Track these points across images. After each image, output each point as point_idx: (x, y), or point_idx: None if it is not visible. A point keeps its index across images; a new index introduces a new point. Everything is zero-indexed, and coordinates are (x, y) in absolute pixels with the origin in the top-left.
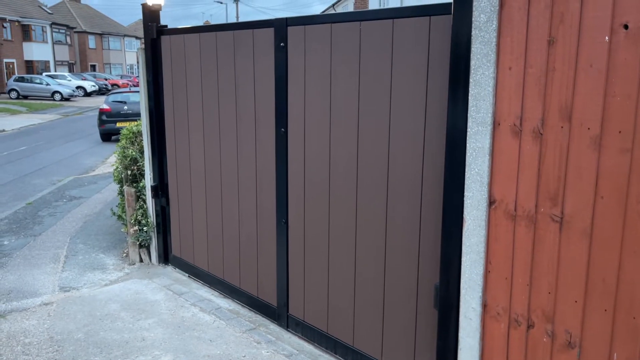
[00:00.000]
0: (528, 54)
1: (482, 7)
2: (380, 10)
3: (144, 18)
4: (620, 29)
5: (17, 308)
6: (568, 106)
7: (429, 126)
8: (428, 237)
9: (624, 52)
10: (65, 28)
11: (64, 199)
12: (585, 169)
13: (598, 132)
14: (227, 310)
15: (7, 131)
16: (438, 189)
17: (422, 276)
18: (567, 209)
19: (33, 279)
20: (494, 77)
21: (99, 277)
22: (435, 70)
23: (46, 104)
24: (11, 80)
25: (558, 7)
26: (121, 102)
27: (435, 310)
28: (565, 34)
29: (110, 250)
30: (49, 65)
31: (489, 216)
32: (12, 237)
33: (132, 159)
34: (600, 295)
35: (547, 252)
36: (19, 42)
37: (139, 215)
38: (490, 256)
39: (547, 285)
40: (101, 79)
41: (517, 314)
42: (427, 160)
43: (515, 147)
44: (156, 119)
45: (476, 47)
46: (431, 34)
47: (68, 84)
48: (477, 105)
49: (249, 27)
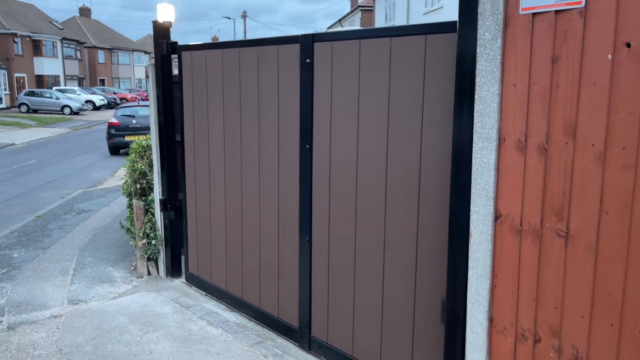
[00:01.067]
0: (532, 71)
1: (487, 26)
2: (412, 26)
3: (154, 34)
4: (622, 47)
5: (27, 320)
6: (572, 122)
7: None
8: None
9: (626, 70)
10: (76, 43)
11: (72, 212)
12: (590, 184)
13: (602, 148)
14: (234, 324)
15: (17, 145)
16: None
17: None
18: (572, 224)
19: (42, 291)
20: (499, 94)
21: (107, 290)
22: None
23: (56, 117)
24: (21, 95)
25: (561, 25)
26: (130, 116)
27: (442, 325)
28: (569, 52)
29: (119, 263)
30: (59, 80)
31: (495, 231)
32: (21, 249)
33: (141, 173)
34: (606, 310)
35: (553, 266)
36: (29, 57)
37: (147, 228)
38: (497, 270)
39: (553, 299)
40: (110, 93)
41: (524, 329)
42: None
43: (521, 163)
44: (166, 133)
45: (481, 65)
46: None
47: (77, 98)
48: (482, 121)
49: (274, 43)
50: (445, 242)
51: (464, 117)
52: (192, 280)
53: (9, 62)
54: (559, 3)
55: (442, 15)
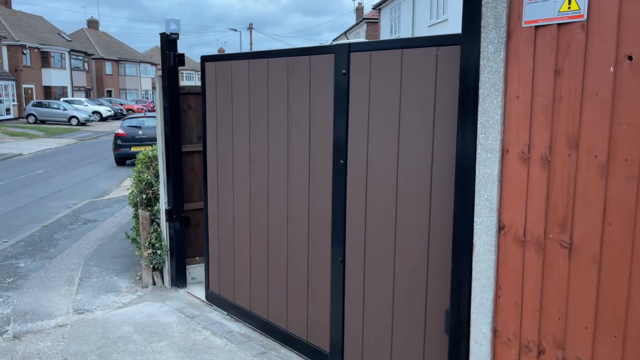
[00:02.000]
0: (535, 83)
1: (490, 38)
2: (458, 35)
3: (161, 46)
4: (624, 59)
5: (32, 329)
6: (575, 134)
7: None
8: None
9: (628, 82)
10: (83, 55)
11: (79, 222)
12: (593, 195)
13: (605, 159)
14: (238, 334)
15: (25, 155)
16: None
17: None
18: (575, 235)
19: (48, 301)
20: (502, 106)
21: (113, 300)
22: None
23: (63, 128)
24: (29, 106)
25: (564, 38)
26: (136, 127)
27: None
28: (571, 64)
29: (124, 273)
30: (66, 91)
31: (499, 242)
32: (28, 259)
33: (147, 183)
34: (610, 322)
35: (557, 278)
36: (38, 68)
37: (153, 238)
38: (500, 281)
39: (557, 311)
40: (117, 104)
41: (528, 340)
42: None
43: (524, 174)
44: (172, 144)
45: (484, 77)
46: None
47: (84, 109)
48: (485, 132)
49: (305, 53)
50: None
51: (468, 129)
52: (212, 299)
53: (18, 73)
54: (562, 16)
55: (447, 28)
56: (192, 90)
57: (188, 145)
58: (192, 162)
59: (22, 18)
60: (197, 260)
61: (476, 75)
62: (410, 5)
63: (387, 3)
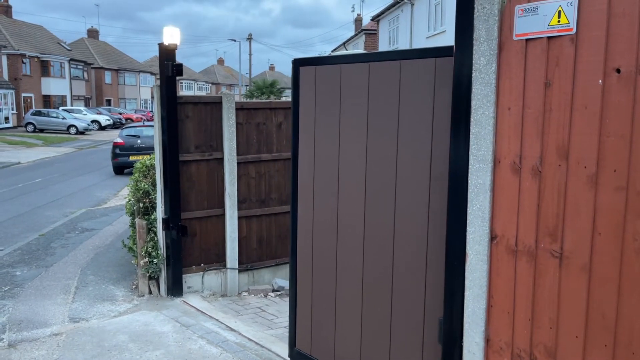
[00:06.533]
0: (526, 95)
1: (482, 51)
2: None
3: (160, 56)
4: (613, 72)
5: (28, 338)
6: (565, 145)
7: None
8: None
9: (616, 94)
10: (83, 64)
11: (76, 230)
12: (583, 206)
13: (594, 170)
14: (234, 343)
15: (23, 163)
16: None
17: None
18: (566, 245)
19: (44, 309)
20: (494, 117)
21: (109, 309)
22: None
23: (61, 137)
24: (28, 114)
25: (554, 51)
26: (135, 136)
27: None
28: (561, 77)
29: (120, 281)
30: (65, 100)
31: (491, 251)
32: (24, 267)
33: (144, 192)
34: (600, 331)
35: (548, 287)
36: (37, 77)
37: (149, 247)
38: (493, 291)
39: (548, 320)
40: (116, 113)
41: (520, 349)
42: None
43: (515, 184)
44: (169, 153)
45: (477, 88)
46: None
47: (83, 118)
48: (477, 143)
49: (426, 55)
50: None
51: (461, 140)
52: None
53: (17, 82)
54: (552, 30)
55: (445, 39)
56: (190, 99)
57: (185, 154)
58: (189, 171)
59: (22, 27)
60: (194, 269)
61: (468, 86)
62: (409, 17)
63: (385, 15)
